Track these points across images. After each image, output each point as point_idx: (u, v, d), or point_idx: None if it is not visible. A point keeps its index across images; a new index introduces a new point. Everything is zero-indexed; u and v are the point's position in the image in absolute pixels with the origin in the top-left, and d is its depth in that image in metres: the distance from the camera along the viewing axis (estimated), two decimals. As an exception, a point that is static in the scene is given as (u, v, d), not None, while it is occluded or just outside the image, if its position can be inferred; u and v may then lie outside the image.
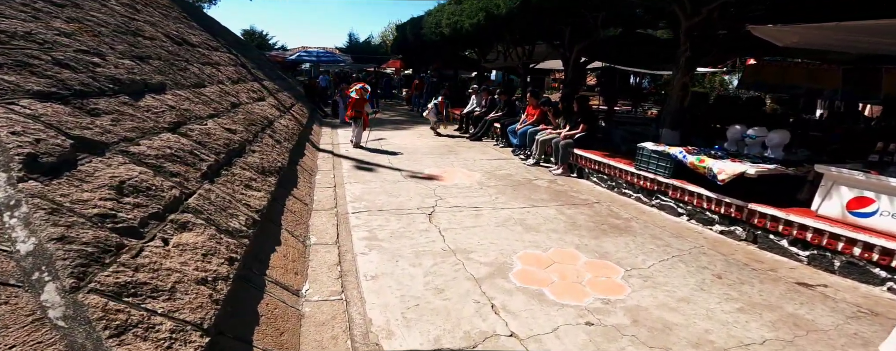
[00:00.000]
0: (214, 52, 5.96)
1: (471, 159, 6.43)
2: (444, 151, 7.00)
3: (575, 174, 5.69)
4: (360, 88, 6.88)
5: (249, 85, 6.01)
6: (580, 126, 5.57)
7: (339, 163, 5.70)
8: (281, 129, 4.98)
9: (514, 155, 6.93)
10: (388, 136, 8.56)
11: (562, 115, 6.15)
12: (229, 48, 7.69)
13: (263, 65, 10.08)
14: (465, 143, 8.07)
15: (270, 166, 3.44)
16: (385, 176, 5.16)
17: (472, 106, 9.64)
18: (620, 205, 4.50)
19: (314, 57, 18.90)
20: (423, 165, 5.82)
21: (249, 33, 35.48)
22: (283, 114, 6.13)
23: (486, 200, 4.41)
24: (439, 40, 10.87)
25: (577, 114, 5.65)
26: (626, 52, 7.40)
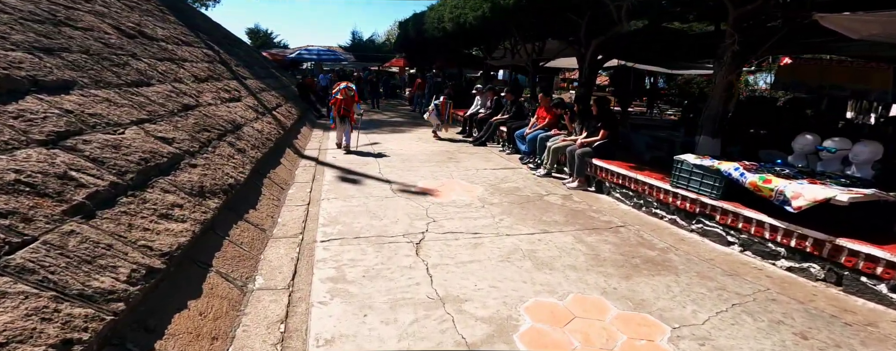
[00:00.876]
0: (183, 47, 5.32)
1: (473, 168, 5.70)
2: (443, 158, 6.27)
3: (593, 188, 4.93)
4: (345, 88, 6.18)
5: (223, 84, 5.35)
6: (600, 132, 4.80)
7: (321, 173, 5.01)
8: (251, 134, 4.30)
9: (522, 163, 6.17)
10: (384, 139, 7.86)
11: (577, 119, 5.38)
12: (210, 45, 7.06)
13: (254, 63, 9.46)
14: (467, 148, 7.34)
15: (216, 184, 2.74)
16: (371, 190, 4.45)
17: (477, 107, 8.90)
18: (652, 229, 3.73)
19: (315, 55, 18.33)
20: (417, 176, 5.10)
21: (254, 32, 35.26)
22: (261, 116, 5.45)
23: (487, 222, 3.68)
24: (442, 36, 10.16)
25: (597, 118, 4.88)
26: (649, 48, 6.59)
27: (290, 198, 3.91)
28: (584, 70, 6.54)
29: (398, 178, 4.98)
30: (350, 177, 4.93)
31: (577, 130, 5.39)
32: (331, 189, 4.38)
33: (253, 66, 8.90)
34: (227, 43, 9.17)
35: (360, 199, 4.13)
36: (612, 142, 4.79)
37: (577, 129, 5.38)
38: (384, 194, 4.31)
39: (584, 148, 4.87)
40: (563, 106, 5.77)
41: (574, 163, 4.96)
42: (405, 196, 4.29)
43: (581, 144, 4.93)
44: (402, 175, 5.11)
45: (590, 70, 6.46)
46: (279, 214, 3.48)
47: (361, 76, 18.42)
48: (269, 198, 3.55)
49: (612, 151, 4.81)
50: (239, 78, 6.62)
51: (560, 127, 5.98)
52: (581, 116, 5.29)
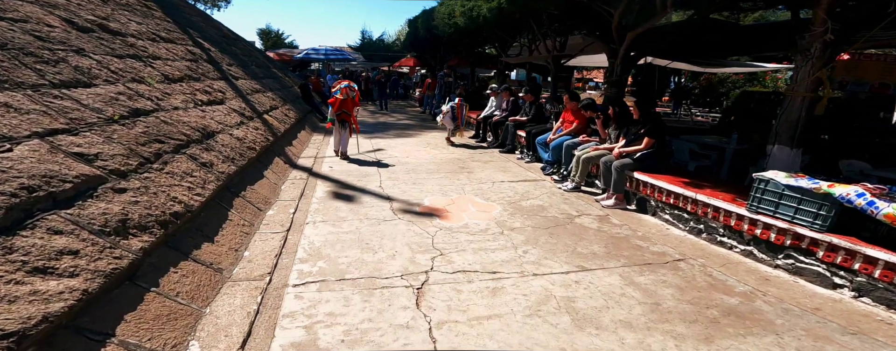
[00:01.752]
0: (161, 44, 4.73)
1: (488, 181, 4.95)
2: (454, 168, 5.55)
3: (634, 207, 4.14)
4: (346, 87, 5.52)
5: (205, 84, 4.75)
6: (643, 140, 4.00)
7: (312, 187, 4.34)
8: (227, 143, 3.66)
9: (545, 174, 5.40)
10: (389, 145, 7.18)
11: (613, 123, 4.60)
12: (200, 42, 6.51)
13: (252, 63, 8.92)
14: (481, 155, 6.60)
15: (152, 214, 2.08)
16: (368, 210, 3.76)
17: (491, 109, 8.16)
18: (721, 264, 2.94)
19: (323, 55, 17.85)
20: (423, 191, 4.39)
21: (265, 32, 35.49)
22: (247, 120, 4.83)
23: (508, 255, 2.94)
24: (452, 33, 9.48)
25: (640, 123, 4.08)
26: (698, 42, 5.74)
27: (268, 222, 3.24)
28: (614, 68, 5.74)
29: (401, 193, 4.27)
30: (345, 192, 4.25)
31: (613, 137, 4.60)
32: (320, 209, 3.70)
33: (250, 66, 8.36)
34: (224, 41, 8.65)
35: (352, 222, 3.43)
36: (658, 152, 3.99)
37: (613, 135, 4.59)
38: (383, 216, 3.61)
39: (624, 159, 4.08)
40: (595, 108, 4.99)
41: (610, 176, 4.17)
42: (408, 218, 3.58)
43: (619, 154, 4.14)
44: (406, 190, 4.40)
45: (622, 68, 5.65)
46: (248, 245, 2.81)
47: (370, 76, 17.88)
48: (237, 224, 2.88)
49: (659, 164, 4.01)
50: (229, 78, 6.03)
51: (590, 133, 5.19)
52: (618, 121, 4.50)
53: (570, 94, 5.51)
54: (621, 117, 4.48)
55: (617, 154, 4.15)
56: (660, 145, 3.96)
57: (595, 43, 7.69)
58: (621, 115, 4.48)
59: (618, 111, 4.49)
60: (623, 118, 4.46)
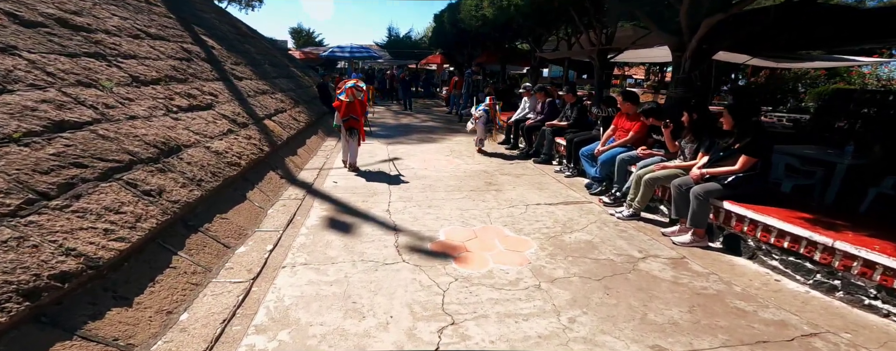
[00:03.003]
0: (143, 40, 4.21)
1: (520, 203, 4.07)
2: (479, 185, 4.69)
3: (720, 244, 3.13)
4: (352, 88, 4.80)
5: (191, 86, 4.17)
6: (739, 160, 2.97)
7: (306, 210, 3.63)
8: (197, 159, 3.01)
9: (591, 193, 4.44)
10: (408, 152, 6.43)
11: (686, 134, 3.58)
12: (202, 40, 6.03)
13: (264, 62, 8.44)
14: (512, 166, 5.69)
15: (10, 282, 1.40)
16: (366, 246, 2.98)
17: (523, 112, 7.22)
18: (881, 344, 1.93)
19: (347, 53, 17.45)
20: (439, 218, 3.58)
21: (297, 31, 36.28)
22: (240, 128, 4.21)
23: (548, 326, 2.09)
24: (480, 26, 8.63)
25: (737, 135, 3.05)
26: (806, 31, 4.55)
27: (233, 265, 2.54)
28: (682, 63, 4.66)
29: (412, 221, 3.48)
30: (344, 218, 3.50)
31: (687, 153, 3.57)
32: (306, 244, 2.97)
33: (262, 65, 7.88)
34: (237, 39, 8.23)
35: (342, 265, 2.67)
36: (760, 176, 2.95)
37: (687, 150, 3.57)
38: (383, 256, 2.83)
39: (709, 183, 3.08)
40: (659, 114, 3.97)
41: (685, 204, 3.18)
42: (415, 260, 2.77)
43: (701, 176, 3.13)
44: (418, 216, 3.60)
45: (693, 63, 4.57)
46: (191, 303, 2.10)
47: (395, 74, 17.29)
48: (183, 272, 2.18)
49: (759, 191, 2.97)
50: (230, 78, 5.49)
51: (651, 144, 4.18)
52: (696, 131, 3.48)
53: (624, 95, 4.50)
54: (701, 126, 3.46)
55: (698, 176, 3.15)
56: (763, 167, 2.92)
57: (650, 34, 6.58)
58: (701, 124, 3.45)
59: (696, 119, 3.47)
60: (703, 128, 3.44)
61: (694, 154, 3.47)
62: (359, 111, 4.83)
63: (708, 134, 3.35)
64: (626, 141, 4.34)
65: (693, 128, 3.48)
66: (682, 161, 3.58)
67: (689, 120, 3.50)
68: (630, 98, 4.44)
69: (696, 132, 3.46)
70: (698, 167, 3.22)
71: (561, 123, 5.98)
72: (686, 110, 3.53)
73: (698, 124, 3.44)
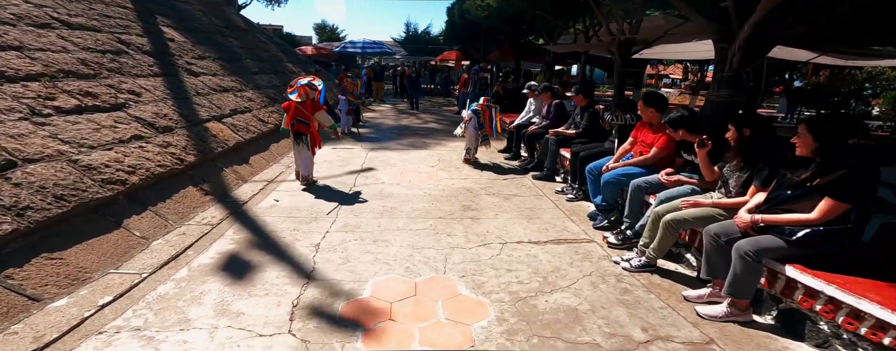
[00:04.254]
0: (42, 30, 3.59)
1: (497, 240, 3.15)
2: (452, 210, 3.81)
3: (770, 319, 2.13)
4: (305, 86, 4.02)
5: (99, 83, 3.54)
6: (821, 205, 1.92)
7: (209, 242, 2.87)
8: (37, 179, 2.31)
9: (595, 226, 3.47)
10: (388, 161, 5.61)
11: (732, 157, 2.56)
12: (161, 30, 5.45)
13: (246, 56, 7.85)
14: (505, 183, 4.75)
15: None
16: (248, 304, 2.18)
17: (528, 115, 6.25)
18: None
19: (360, 48, 16.89)
20: (380, 259, 2.73)
21: (321, 27, 37.17)
22: (156, 134, 3.53)
23: None
24: (488, 18, 7.70)
25: (818, 166, 1.99)
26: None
27: (24, 327, 1.80)
28: (730, 59, 3.60)
29: (339, 264, 2.64)
30: (250, 256, 2.71)
31: (731, 183, 2.54)
32: (166, 296, 2.19)
33: (241, 60, 7.28)
34: (222, 32, 7.68)
35: (193, 335, 1.89)
36: (851, 233, 1.91)
37: (732, 179, 2.54)
38: (264, 323, 2.01)
39: (767, 237, 2.07)
40: (693, 125, 2.92)
41: (725, 262, 2.20)
42: (306, 333, 1.96)
43: (752, 224, 2.12)
44: (351, 255, 2.77)
45: (744, 56, 3.49)
46: None
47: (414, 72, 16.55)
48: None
49: (846, 253, 1.94)
50: (177, 74, 4.88)
51: (680, 166, 3.15)
52: (746, 153, 2.46)
53: (646, 98, 3.47)
54: (756, 147, 2.43)
55: (747, 223, 2.14)
56: (858, 218, 1.88)
57: (685, 24, 5.45)
58: (757, 144, 2.42)
59: (749, 136, 2.43)
60: (760, 150, 2.41)
61: (742, 188, 2.44)
62: (309, 114, 4.05)
63: (767, 160, 2.32)
64: (645, 159, 3.33)
65: (743, 148, 2.45)
66: (723, 197, 2.56)
67: (738, 136, 2.47)
68: (653, 102, 3.41)
69: (747, 156, 2.43)
70: (748, 209, 2.21)
71: (567, 131, 4.99)
72: (733, 122, 2.49)
73: (752, 144, 2.41)
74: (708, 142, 2.64)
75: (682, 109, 3.00)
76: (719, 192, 2.61)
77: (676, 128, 2.97)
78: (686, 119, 2.93)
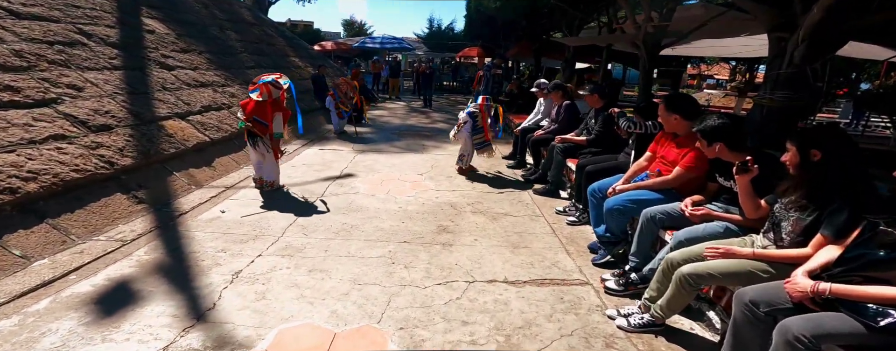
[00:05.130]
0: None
1: (464, 277, 2.54)
2: (425, 232, 3.22)
3: None
4: (268, 84, 3.55)
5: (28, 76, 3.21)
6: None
7: (107, 262, 2.43)
8: None
9: (594, 263, 2.79)
10: (373, 166, 5.07)
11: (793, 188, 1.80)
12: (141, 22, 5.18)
13: (239, 51, 7.55)
14: (497, 199, 4.10)
15: None
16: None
17: (535, 118, 5.56)
18: None
19: (378, 44, 16.57)
20: (304, 298, 2.20)
21: (349, 23, 38.30)
22: (87, 133, 3.19)
23: None
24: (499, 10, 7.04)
25: None
26: None
27: None
28: (791, 53, 2.82)
29: (250, 302, 2.13)
30: (144, 284, 2.24)
31: (785, 229, 1.80)
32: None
33: (234, 54, 6.99)
34: (217, 25, 7.42)
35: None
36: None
37: (788, 224, 1.79)
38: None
39: (836, 317, 1.36)
40: (734, 139, 2.16)
41: (764, 342, 1.49)
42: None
43: (813, 294, 1.41)
44: (272, 291, 2.24)
45: (809, 51, 2.70)
46: None
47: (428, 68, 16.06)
48: None
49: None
50: (144, 67, 4.58)
51: (713, 195, 2.40)
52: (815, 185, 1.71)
53: (669, 101, 2.72)
54: (825, 176, 1.68)
55: (804, 292, 1.44)
56: None
57: (729, 13, 4.60)
58: (825, 173, 1.67)
59: (819, 161, 1.68)
60: (830, 180, 1.66)
61: (802, 236, 1.71)
62: (269, 115, 3.57)
63: (848, 198, 1.58)
64: (664, 182, 2.60)
65: (809, 179, 1.71)
66: (771, 245, 1.83)
67: (801, 161, 1.72)
68: (677, 106, 2.65)
69: (814, 190, 1.69)
70: (809, 270, 1.51)
71: (577, 138, 4.27)
72: (795, 139, 1.75)
73: (823, 173, 1.66)
74: (753, 165, 1.91)
75: (720, 115, 2.25)
76: (765, 237, 1.88)
77: (712, 140, 2.20)
78: (725, 129, 2.15)
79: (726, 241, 1.96)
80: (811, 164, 1.68)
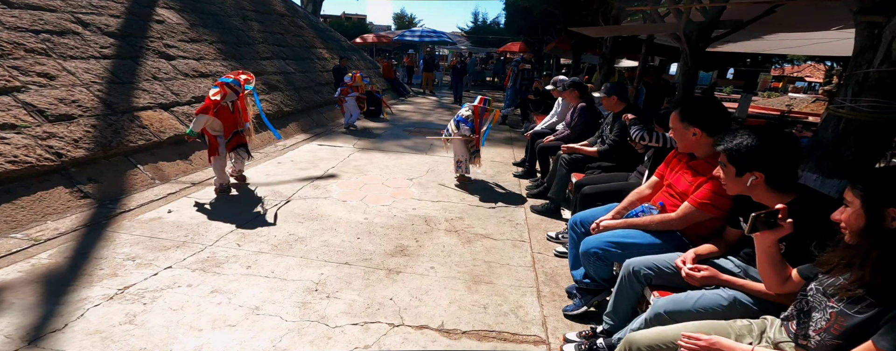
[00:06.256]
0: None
1: (387, 321, 2.07)
2: (379, 251, 2.78)
3: None
4: (228, 85, 3.28)
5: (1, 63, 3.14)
6: None
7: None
8: None
9: (566, 312, 2.18)
10: (363, 166, 4.70)
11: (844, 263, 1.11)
12: (140, 12, 5.21)
13: (256, 41, 7.51)
14: (486, 214, 3.54)
15: None
16: None
17: (552, 120, 4.89)
18: None
19: (417, 37, 16.32)
20: (177, 330, 1.83)
21: (400, 17, 39.83)
22: (42, 123, 3.10)
23: None
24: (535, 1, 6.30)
25: None
26: None
27: None
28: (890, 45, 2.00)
29: (105, 329, 1.81)
30: (32, 298, 2.00)
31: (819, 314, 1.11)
32: None
33: (250, 45, 6.96)
34: (239, 15, 7.46)
35: None
36: None
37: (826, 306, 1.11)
38: None
39: None
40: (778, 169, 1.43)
41: None
42: None
43: None
44: (141, 318, 1.92)
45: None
46: None
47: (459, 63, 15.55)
48: None
49: None
50: (139, 57, 4.56)
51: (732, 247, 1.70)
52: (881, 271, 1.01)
53: (684, 110, 1.99)
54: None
55: None
56: None
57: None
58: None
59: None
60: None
61: (840, 340, 1.03)
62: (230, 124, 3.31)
63: None
64: (665, 221, 1.92)
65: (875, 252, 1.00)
66: (783, 342, 1.16)
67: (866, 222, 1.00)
68: (697, 116, 1.92)
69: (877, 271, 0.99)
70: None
71: (586, 149, 3.58)
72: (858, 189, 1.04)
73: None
74: (785, 220, 1.22)
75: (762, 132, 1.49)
76: (783, 327, 1.20)
77: (745, 168, 1.43)
78: (769, 153, 1.40)
79: (727, 323, 1.31)
80: (884, 233, 0.99)
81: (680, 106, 2.03)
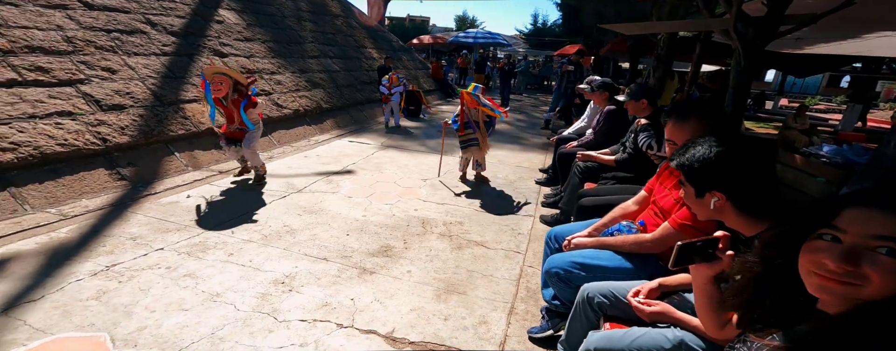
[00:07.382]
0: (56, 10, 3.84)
1: (336, 321, 2.01)
2: (358, 252, 2.76)
3: None
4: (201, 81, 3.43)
5: (70, 60, 3.64)
6: None
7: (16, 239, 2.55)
8: None
9: (530, 334, 1.96)
10: (382, 164, 4.74)
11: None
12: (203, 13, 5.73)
13: (306, 40, 7.89)
14: (490, 221, 3.37)
15: None
16: None
17: (580, 124, 4.53)
18: None
19: (472, 39, 16.25)
20: (144, 305, 1.95)
21: (462, 18, 40.57)
22: (95, 111, 3.50)
23: None
24: None
25: None
26: None
27: None
28: None
29: (75, 303, 1.97)
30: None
31: None
32: None
33: (300, 43, 7.35)
34: (295, 15, 7.95)
35: None
36: None
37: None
38: None
39: None
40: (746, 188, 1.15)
41: None
42: None
43: None
44: (114, 294, 2.06)
45: None
46: None
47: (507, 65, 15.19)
48: None
49: None
50: (194, 54, 4.98)
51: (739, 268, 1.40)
52: None
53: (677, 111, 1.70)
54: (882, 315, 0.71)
55: None
56: None
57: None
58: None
59: None
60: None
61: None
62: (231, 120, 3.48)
63: None
64: (639, 243, 1.64)
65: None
66: None
67: None
68: (683, 116, 1.63)
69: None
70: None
71: (603, 157, 3.24)
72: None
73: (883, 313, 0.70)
74: (724, 252, 0.96)
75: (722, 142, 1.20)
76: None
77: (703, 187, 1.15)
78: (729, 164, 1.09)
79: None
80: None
81: (676, 109, 1.73)
